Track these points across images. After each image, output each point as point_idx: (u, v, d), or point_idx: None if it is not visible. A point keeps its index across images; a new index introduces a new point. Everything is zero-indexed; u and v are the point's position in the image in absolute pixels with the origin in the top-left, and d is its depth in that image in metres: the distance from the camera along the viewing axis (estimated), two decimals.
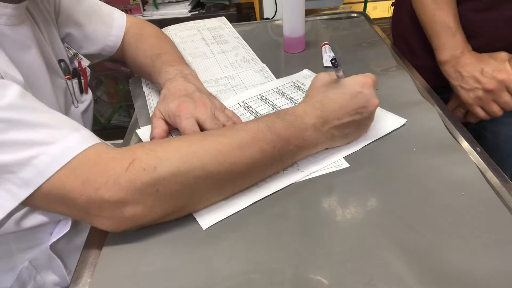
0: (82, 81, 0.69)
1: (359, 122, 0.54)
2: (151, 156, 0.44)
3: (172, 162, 0.44)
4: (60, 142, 0.42)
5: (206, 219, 0.48)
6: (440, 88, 0.86)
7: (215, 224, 0.47)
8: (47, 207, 0.44)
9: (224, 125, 0.57)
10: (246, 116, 0.66)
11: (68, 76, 0.66)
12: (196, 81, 0.67)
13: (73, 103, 0.67)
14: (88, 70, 0.71)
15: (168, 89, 0.63)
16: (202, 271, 0.42)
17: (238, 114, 0.66)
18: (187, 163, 0.44)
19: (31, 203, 0.42)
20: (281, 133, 0.49)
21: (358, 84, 0.54)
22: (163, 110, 0.60)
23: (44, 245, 0.58)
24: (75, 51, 0.71)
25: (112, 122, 1.83)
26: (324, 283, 0.40)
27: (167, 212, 0.46)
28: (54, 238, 0.56)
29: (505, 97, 0.71)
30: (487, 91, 0.72)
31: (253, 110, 0.67)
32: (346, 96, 0.53)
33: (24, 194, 0.41)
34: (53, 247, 0.57)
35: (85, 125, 0.69)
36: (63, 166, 0.41)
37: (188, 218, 0.48)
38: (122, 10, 0.81)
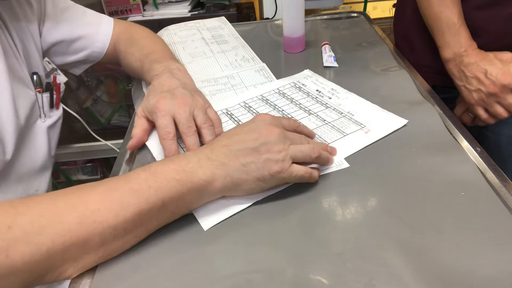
0: (54, 96, 0.70)
1: (258, 150, 0.47)
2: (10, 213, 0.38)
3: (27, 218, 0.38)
4: None
5: (207, 220, 0.48)
6: (443, 87, 0.86)
7: (215, 224, 0.47)
8: None
9: (199, 128, 0.56)
10: (247, 116, 0.66)
11: (38, 89, 0.66)
12: (183, 75, 0.66)
13: (40, 116, 0.68)
14: (62, 86, 0.72)
15: (153, 85, 0.63)
16: (202, 271, 0.42)
17: (239, 114, 0.66)
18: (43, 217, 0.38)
19: None
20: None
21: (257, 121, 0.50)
22: (144, 107, 0.60)
23: None
24: (54, 66, 0.72)
25: (112, 122, 1.83)
26: (324, 283, 0.40)
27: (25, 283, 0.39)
28: None
29: (510, 99, 0.70)
30: (490, 94, 0.72)
31: (254, 111, 0.67)
32: (239, 127, 0.50)
33: None
34: None
35: (50, 141, 0.70)
36: None
37: (188, 218, 0.48)
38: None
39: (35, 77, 0.66)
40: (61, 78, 0.72)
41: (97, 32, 0.77)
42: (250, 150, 0.47)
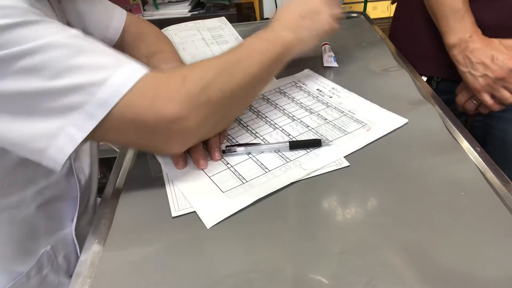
0: None
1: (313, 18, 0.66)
2: (197, 70, 0.50)
3: (214, 69, 0.50)
4: (126, 65, 0.45)
5: (210, 218, 0.48)
6: (448, 81, 0.85)
7: (216, 224, 0.47)
8: (118, 132, 0.47)
9: None
10: (248, 115, 0.66)
11: None
12: None
13: None
14: None
15: None
16: (202, 271, 0.42)
17: None
18: (227, 68, 0.51)
19: (105, 126, 0.44)
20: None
21: None
22: None
23: (66, 230, 0.61)
24: None
25: None
26: (324, 283, 0.40)
27: (217, 120, 0.52)
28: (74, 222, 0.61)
29: None
30: (498, 79, 0.71)
31: (255, 109, 0.67)
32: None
33: (101, 114, 0.43)
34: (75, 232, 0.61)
35: None
36: (133, 86, 0.44)
37: (189, 217, 0.48)
38: None
39: None
40: None
41: (111, 18, 0.76)
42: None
